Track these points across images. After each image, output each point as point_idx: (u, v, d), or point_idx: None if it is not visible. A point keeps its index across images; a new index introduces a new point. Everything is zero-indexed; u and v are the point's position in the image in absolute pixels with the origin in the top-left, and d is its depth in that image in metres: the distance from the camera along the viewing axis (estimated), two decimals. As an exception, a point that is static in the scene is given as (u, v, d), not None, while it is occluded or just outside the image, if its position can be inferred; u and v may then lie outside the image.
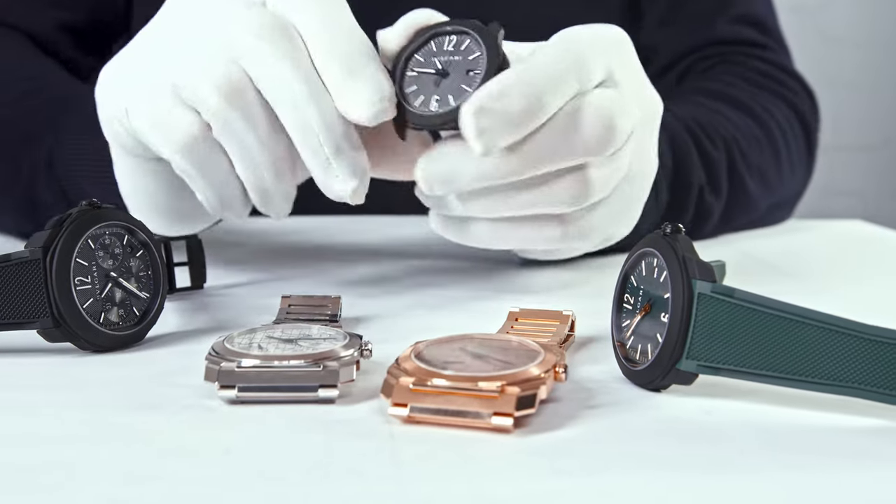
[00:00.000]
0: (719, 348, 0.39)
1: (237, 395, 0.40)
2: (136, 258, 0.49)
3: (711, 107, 0.77)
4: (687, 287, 0.40)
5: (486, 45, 0.49)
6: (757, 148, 0.77)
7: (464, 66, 0.50)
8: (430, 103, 0.50)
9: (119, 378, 0.44)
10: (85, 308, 0.46)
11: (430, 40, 0.51)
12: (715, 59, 0.86)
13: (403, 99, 0.50)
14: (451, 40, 0.50)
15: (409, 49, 0.51)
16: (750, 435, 0.37)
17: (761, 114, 0.79)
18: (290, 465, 0.35)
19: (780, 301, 0.39)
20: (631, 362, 0.43)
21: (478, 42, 0.50)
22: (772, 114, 0.80)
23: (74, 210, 0.47)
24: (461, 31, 0.50)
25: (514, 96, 0.47)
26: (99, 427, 0.38)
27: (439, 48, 0.51)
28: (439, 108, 0.49)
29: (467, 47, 0.50)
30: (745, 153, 0.75)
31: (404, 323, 0.53)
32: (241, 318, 0.53)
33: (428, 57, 0.51)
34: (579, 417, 0.39)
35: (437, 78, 0.50)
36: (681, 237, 0.42)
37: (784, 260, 0.71)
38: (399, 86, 0.50)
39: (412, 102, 0.50)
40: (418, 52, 0.51)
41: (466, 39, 0.50)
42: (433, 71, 0.50)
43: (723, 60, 0.86)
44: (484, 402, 0.37)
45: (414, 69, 0.51)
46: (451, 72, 0.50)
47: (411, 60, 0.51)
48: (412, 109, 0.50)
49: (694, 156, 0.70)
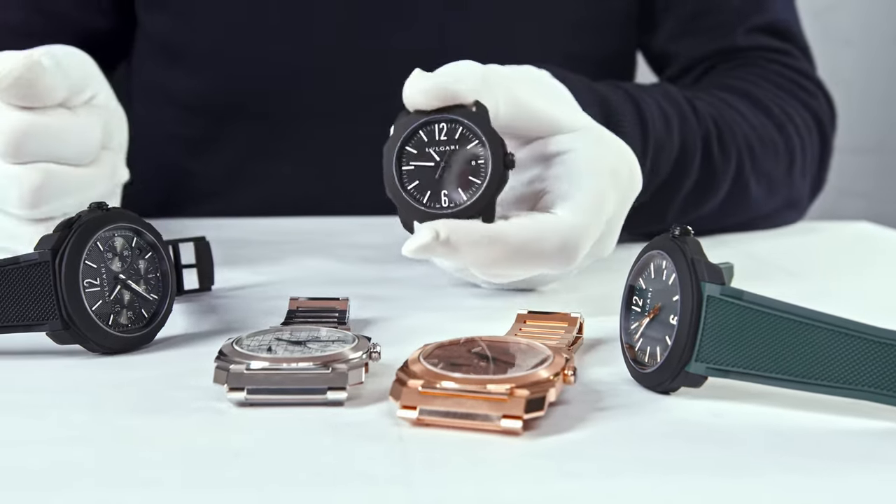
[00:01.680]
0: (728, 351, 0.39)
1: (246, 397, 0.40)
2: (144, 260, 0.49)
3: (733, 104, 0.77)
4: (696, 289, 0.40)
5: (484, 133, 0.48)
6: (771, 153, 0.77)
7: (464, 156, 0.48)
8: (440, 198, 0.49)
9: (128, 380, 0.44)
10: (94, 310, 0.46)
11: (418, 131, 0.49)
12: (737, 61, 0.87)
13: (409, 196, 0.49)
14: (441, 129, 0.49)
15: (398, 141, 0.49)
16: (759, 438, 0.37)
17: (780, 116, 0.79)
18: (300, 467, 0.35)
19: (788, 303, 0.39)
20: (640, 365, 0.43)
21: (471, 129, 0.48)
22: (791, 117, 0.80)
23: (83, 212, 0.47)
24: (449, 119, 0.48)
25: (502, 259, 0.49)
26: (107, 430, 0.38)
27: (430, 138, 0.49)
28: (450, 204, 0.48)
29: (461, 135, 0.48)
30: (757, 159, 0.76)
31: (412, 325, 0.53)
32: (250, 320, 0.53)
33: (421, 148, 0.49)
34: (588, 420, 0.39)
35: (438, 170, 0.49)
36: (689, 239, 0.42)
37: (791, 261, 0.71)
38: (399, 182, 0.49)
39: (420, 199, 0.49)
40: (408, 143, 0.49)
41: (458, 127, 0.48)
42: (432, 164, 0.49)
43: (744, 63, 0.86)
44: (493, 405, 0.37)
45: (410, 162, 0.49)
46: (452, 163, 0.49)
47: (404, 153, 0.49)
48: (424, 209, 0.49)
49: (694, 166, 0.70)
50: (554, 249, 0.50)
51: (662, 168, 0.68)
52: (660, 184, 0.69)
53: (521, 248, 0.49)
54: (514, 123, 0.52)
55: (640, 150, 0.65)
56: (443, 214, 0.48)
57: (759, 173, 0.76)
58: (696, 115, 0.72)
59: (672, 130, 0.68)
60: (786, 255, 0.73)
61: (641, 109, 0.66)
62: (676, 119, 0.69)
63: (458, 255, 0.48)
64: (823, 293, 0.60)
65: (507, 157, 0.48)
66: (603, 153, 0.53)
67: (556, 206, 0.51)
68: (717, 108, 0.75)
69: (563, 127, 0.53)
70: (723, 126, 0.74)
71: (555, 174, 0.52)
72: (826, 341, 0.38)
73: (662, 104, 0.69)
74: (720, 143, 0.73)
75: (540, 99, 0.53)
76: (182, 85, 0.89)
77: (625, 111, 0.64)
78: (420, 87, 0.48)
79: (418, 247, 0.47)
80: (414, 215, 0.49)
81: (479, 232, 0.48)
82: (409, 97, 0.48)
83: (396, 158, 0.49)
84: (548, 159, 0.53)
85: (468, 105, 0.48)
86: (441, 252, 0.48)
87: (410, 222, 0.50)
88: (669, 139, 0.68)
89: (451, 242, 0.47)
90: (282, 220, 0.85)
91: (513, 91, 0.51)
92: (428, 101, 0.48)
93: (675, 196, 0.70)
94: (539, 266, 0.51)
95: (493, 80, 0.50)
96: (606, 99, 0.63)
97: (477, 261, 0.49)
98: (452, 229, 0.48)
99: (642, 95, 0.67)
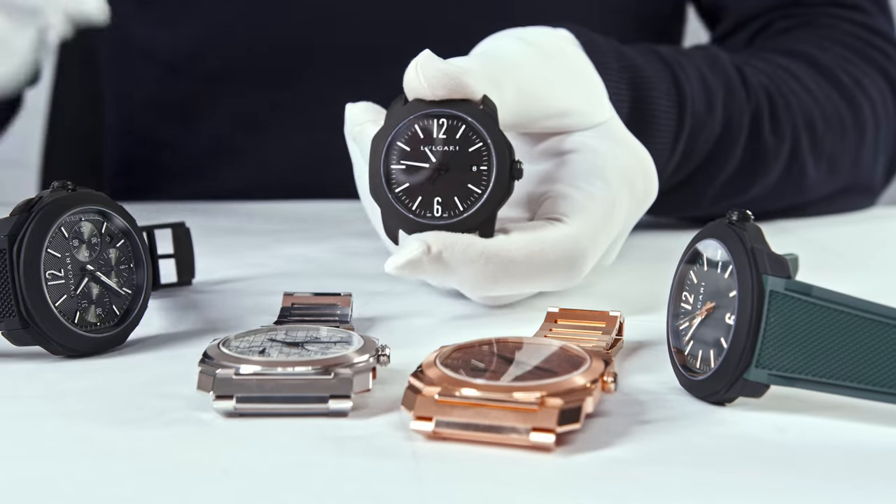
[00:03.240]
0: (795, 355, 0.39)
1: (235, 406, 0.40)
2: (115, 248, 0.49)
3: (794, 72, 0.77)
4: (757, 283, 0.40)
5: (490, 135, 0.48)
6: (837, 130, 0.77)
7: (465, 159, 0.48)
8: (432, 206, 0.48)
9: (97, 387, 0.44)
10: (58, 306, 0.46)
11: (414, 124, 0.48)
12: (799, 18, 0.86)
13: (395, 199, 0.48)
14: (441, 125, 0.48)
15: (388, 134, 0.48)
16: (832, 457, 0.37)
17: (850, 87, 0.79)
18: (297, 487, 0.35)
19: (865, 300, 0.39)
20: (690, 371, 0.43)
21: (475, 129, 0.48)
22: (864, 87, 0.80)
23: (45, 192, 0.47)
24: (452, 114, 0.48)
25: (500, 277, 0.49)
26: (74, 444, 0.38)
27: (427, 135, 0.48)
28: (443, 214, 0.48)
29: (463, 135, 0.48)
30: (818, 137, 0.76)
31: (426, 324, 0.53)
32: (237, 318, 0.53)
33: (415, 145, 0.48)
34: (630, 434, 0.39)
35: (433, 174, 0.48)
36: (749, 225, 0.41)
37: (863, 253, 0.70)
38: (386, 182, 0.48)
39: (408, 205, 0.48)
40: (401, 138, 0.48)
41: (460, 125, 0.48)
42: (427, 165, 0.48)
43: (807, 22, 0.86)
44: (521, 416, 0.37)
45: (401, 161, 0.49)
46: (451, 166, 0.48)
47: (395, 149, 0.49)
48: (413, 217, 0.48)
49: (739, 146, 0.70)
50: (558, 265, 0.50)
51: (700, 149, 0.68)
52: (697, 166, 0.69)
53: (522, 267, 0.49)
54: (524, 121, 0.52)
55: (675, 131, 0.65)
56: (434, 226, 0.48)
57: (818, 154, 0.76)
58: (746, 86, 0.71)
59: (715, 107, 0.68)
60: (857, 245, 0.73)
61: (680, 83, 0.66)
62: (721, 92, 0.69)
63: (450, 274, 0.48)
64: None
65: (514, 165, 0.48)
66: (619, 155, 0.53)
67: (563, 213, 0.51)
68: (773, 78, 0.75)
69: (579, 124, 0.53)
70: (777, 99, 0.73)
71: (565, 175, 0.52)
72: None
73: (706, 75, 0.68)
74: (773, 120, 0.73)
75: (554, 89, 0.53)
76: (162, 42, 0.89)
77: (660, 86, 0.64)
78: (426, 72, 0.48)
79: (405, 262, 0.47)
80: (400, 223, 0.49)
81: (477, 249, 0.48)
82: (411, 82, 0.48)
83: (385, 154, 0.49)
84: (559, 155, 0.53)
85: (475, 101, 0.48)
86: (431, 270, 0.47)
87: (395, 231, 0.49)
88: (711, 117, 0.68)
89: (444, 259, 0.47)
90: (274, 204, 0.85)
91: (524, 83, 0.51)
92: (432, 89, 0.48)
93: (714, 179, 0.71)
94: (539, 284, 0.51)
95: (503, 69, 0.50)
96: (639, 71, 0.63)
97: (469, 280, 0.49)
98: (446, 244, 0.47)
99: (683, 65, 0.67)
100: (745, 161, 0.72)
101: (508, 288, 0.50)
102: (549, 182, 0.53)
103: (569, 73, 0.55)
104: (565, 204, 0.51)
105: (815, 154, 0.76)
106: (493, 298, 0.54)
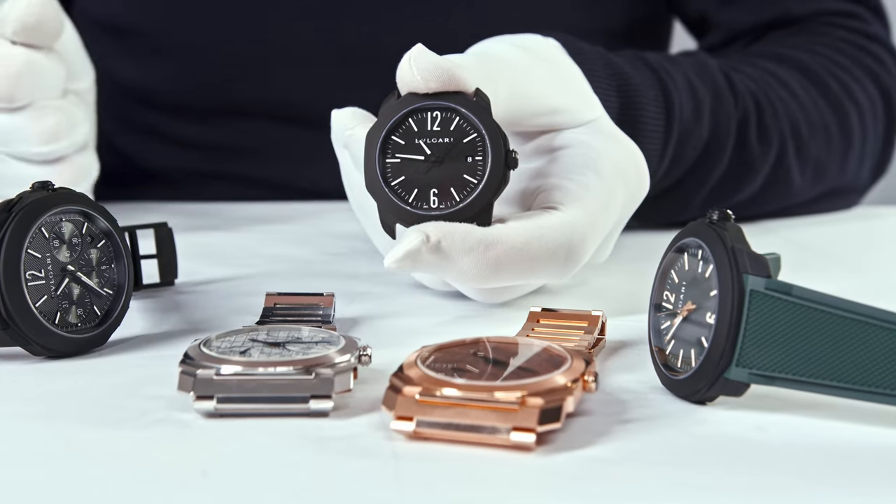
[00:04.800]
0: (775, 354, 0.39)
1: (216, 407, 0.40)
2: (96, 249, 0.49)
3: (782, 79, 0.77)
4: (737, 283, 0.40)
5: (484, 125, 0.48)
6: (822, 137, 0.77)
7: (460, 150, 0.48)
8: (429, 198, 0.49)
9: (77, 388, 0.44)
10: (38, 307, 0.46)
11: (408, 118, 0.49)
12: (793, 29, 0.86)
13: (392, 193, 0.49)
14: (434, 117, 0.48)
15: (383, 128, 0.49)
16: (812, 456, 0.37)
17: (838, 93, 0.79)
18: (277, 488, 0.35)
19: (845, 299, 0.39)
20: (671, 370, 0.43)
21: (469, 120, 0.48)
22: (851, 93, 0.80)
23: (25, 192, 0.47)
24: (445, 106, 0.48)
25: (497, 266, 0.48)
26: (55, 445, 0.38)
27: (422, 127, 0.49)
28: (440, 205, 0.48)
29: (457, 126, 0.48)
30: (804, 144, 0.76)
31: (407, 325, 0.53)
32: (219, 319, 0.53)
33: (410, 139, 0.49)
34: (611, 434, 0.39)
35: (428, 165, 0.49)
36: (730, 225, 0.42)
37: (846, 252, 0.71)
38: (382, 176, 0.49)
39: (405, 198, 0.49)
40: (395, 132, 0.49)
41: (454, 117, 0.48)
42: (422, 157, 0.49)
43: (802, 31, 0.85)
44: (501, 416, 0.37)
45: (396, 154, 0.49)
46: (446, 158, 0.48)
47: (389, 143, 0.49)
48: (409, 209, 0.48)
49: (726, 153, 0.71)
50: (556, 253, 0.50)
51: (688, 156, 0.68)
52: (685, 172, 0.69)
53: (521, 254, 0.49)
54: (516, 118, 0.52)
55: (663, 138, 0.65)
56: (431, 216, 0.48)
57: (804, 160, 0.76)
58: (734, 93, 0.71)
59: (702, 114, 0.68)
60: (840, 244, 0.73)
61: (668, 91, 0.66)
62: (709, 99, 0.69)
63: (448, 264, 0.48)
64: (884, 288, 0.60)
65: (508, 154, 0.48)
66: (610, 148, 0.54)
67: (558, 202, 0.51)
68: (761, 85, 0.75)
69: (569, 122, 0.54)
70: (765, 106, 0.74)
71: (558, 170, 0.52)
72: (889, 343, 0.38)
73: (694, 82, 0.69)
74: (759, 127, 0.73)
75: (546, 87, 0.53)
76: (131, 76, 0.89)
77: (647, 93, 0.64)
78: (419, 65, 0.48)
79: (405, 254, 0.47)
80: (397, 216, 0.49)
81: (476, 236, 0.48)
82: (404, 74, 0.48)
83: (381, 149, 0.49)
84: (551, 152, 0.53)
85: (468, 93, 0.48)
86: (430, 261, 0.47)
87: (392, 224, 0.49)
88: (698, 124, 0.68)
89: (443, 249, 0.47)
90: (255, 205, 0.85)
91: (516, 81, 0.52)
92: (425, 81, 0.48)
93: (701, 185, 0.71)
94: (536, 273, 0.50)
95: (495, 66, 0.51)
96: (626, 79, 0.63)
97: (469, 271, 0.49)
98: (445, 233, 0.47)
99: (670, 72, 0.67)
100: (732, 167, 0.72)
101: (508, 278, 0.50)
102: (542, 177, 0.53)
103: (560, 75, 0.56)
104: (560, 194, 0.51)
105: (800, 160, 0.76)
106: (490, 294, 0.54)
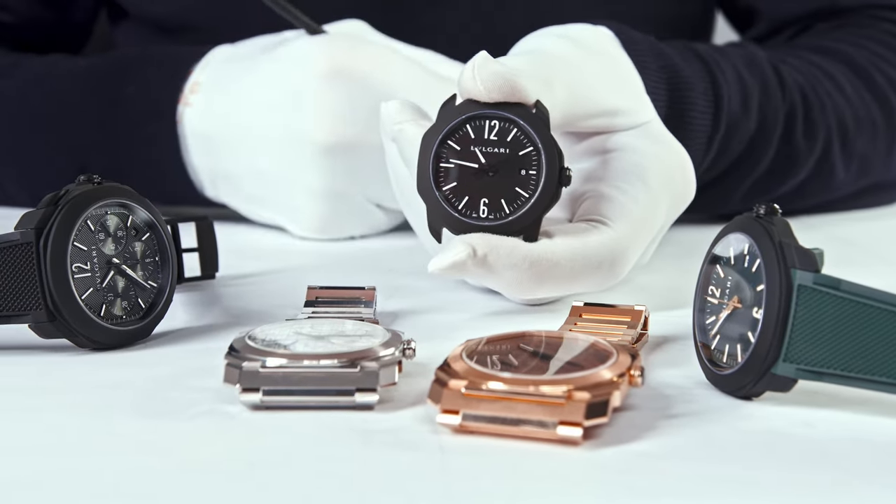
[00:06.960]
0: (823, 349, 0.39)
1: (262, 399, 0.40)
2: (141, 242, 0.49)
3: (829, 72, 0.76)
4: (785, 277, 0.39)
5: (541, 140, 0.48)
6: (868, 132, 0.77)
7: (514, 162, 0.48)
8: (478, 207, 0.49)
9: (123, 380, 0.44)
10: (84, 299, 0.46)
11: (465, 124, 0.49)
12: (839, 21, 0.85)
13: (442, 198, 0.49)
14: (492, 126, 0.48)
15: (440, 132, 0.49)
16: (861, 453, 0.37)
17: (884, 87, 0.78)
18: (323, 480, 0.35)
19: (894, 294, 0.39)
20: (717, 366, 0.43)
21: (527, 132, 0.48)
22: None
23: (71, 186, 0.47)
24: (505, 117, 0.48)
25: (541, 281, 0.49)
26: (100, 437, 0.39)
27: (478, 135, 0.49)
28: (489, 216, 0.48)
29: (514, 138, 0.48)
30: (850, 139, 0.75)
31: (451, 318, 0.53)
32: (261, 312, 0.53)
33: (465, 145, 0.49)
34: (657, 429, 0.39)
35: (482, 174, 0.48)
36: (777, 219, 0.41)
37: (891, 248, 0.70)
38: (434, 179, 0.49)
39: (455, 204, 0.49)
40: (451, 137, 0.49)
41: (512, 128, 0.48)
42: (476, 165, 0.49)
43: (847, 23, 0.85)
44: (548, 410, 0.37)
45: (450, 160, 0.49)
46: (500, 168, 0.48)
47: (445, 147, 0.49)
48: (458, 216, 0.49)
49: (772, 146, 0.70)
50: (600, 268, 0.50)
51: (734, 149, 0.68)
52: (729, 165, 0.69)
53: (565, 271, 0.49)
54: (571, 119, 0.52)
55: (710, 132, 0.65)
56: (480, 227, 0.48)
57: (849, 155, 0.76)
58: (782, 86, 0.71)
59: (750, 106, 0.68)
60: (884, 240, 0.72)
61: (717, 83, 0.66)
62: (758, 91, 0.69)
63: (492, 276, 0.48)
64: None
65: (563, 171, 0.48)
66: (660, 155, 0.54)
67: (604, 215, 0.51)
68: (808, 78, 0.74)
69: (623, 124, 0.54)
70: (812, 100, 0.73)
71: (607, 175, 0.53)
72: (938, 339, 0.38)
73: (743, 74, 0.68)
74: (806, 121, 0.73)
75: (601, 87, 0.53)
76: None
77: (697, 86, 0.64)
78: (482, 75, 0.48)
79: (451, 264, 0.47)
80: (445, 221, 0.49)
81: (521, 253, 0.48)
82: (467, 83, 0.48)
83: (436, 152, 0.49)
84: (601, 154, 0.54)
85: (528, 105, 0.48)
86: (475, 273, 0.48)
87: (439, 229, 0.50)
88: (746, 117, 0.68)
89: (488, 263, 0.48)
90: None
91: (573, 83, 0.52)
92: (488, 91, 0.48)
93: (745, 178, 0.71)
94: (579, 286, 0.51)
95: (551, 68, 0.51)
96: (677, 71, 0.63)
97: (512, 283, 0.49)
98: (492, 247, 0.48)
99: (720, 64, 0.67)
100: (777, 161, 0.72)
101: (550, 291, 0.50)
102: (591, 181, 0.53)
103: (613, 72, 0.56)
104: (607, 206, 0.51)
105: (845, 156, 0.76)
106: (531, 299, 0.54)
